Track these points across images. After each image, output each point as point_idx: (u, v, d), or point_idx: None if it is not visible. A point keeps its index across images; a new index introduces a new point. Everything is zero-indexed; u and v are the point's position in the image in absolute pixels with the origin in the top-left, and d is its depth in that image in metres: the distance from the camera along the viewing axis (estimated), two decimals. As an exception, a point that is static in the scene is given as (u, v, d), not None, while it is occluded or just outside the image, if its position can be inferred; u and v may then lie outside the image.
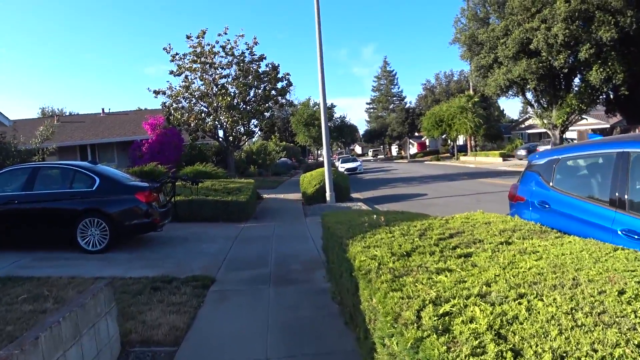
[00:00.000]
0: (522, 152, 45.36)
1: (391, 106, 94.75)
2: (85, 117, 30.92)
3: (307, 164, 30.22)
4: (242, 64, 26.41)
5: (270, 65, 27.01)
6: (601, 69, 24.99)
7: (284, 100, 27.70)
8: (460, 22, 32.16)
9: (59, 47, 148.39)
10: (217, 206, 12.11)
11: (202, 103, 26.29)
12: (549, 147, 43.34)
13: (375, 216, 5.03)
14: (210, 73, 26.10)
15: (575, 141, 37.60)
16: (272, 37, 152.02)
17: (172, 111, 25.88)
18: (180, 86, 26.04)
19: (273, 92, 27.04)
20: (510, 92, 32.36)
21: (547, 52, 25.25)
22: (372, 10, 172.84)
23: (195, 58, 25.69)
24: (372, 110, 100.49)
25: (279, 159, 45.57)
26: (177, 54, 26.15)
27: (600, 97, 30.27)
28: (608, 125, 41.02)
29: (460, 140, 63.87)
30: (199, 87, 26.01)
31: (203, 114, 25.92)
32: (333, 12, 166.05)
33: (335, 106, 66.58)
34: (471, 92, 56.65)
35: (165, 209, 9.27)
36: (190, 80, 26.21)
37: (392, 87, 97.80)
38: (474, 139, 58.60)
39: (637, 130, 30.45)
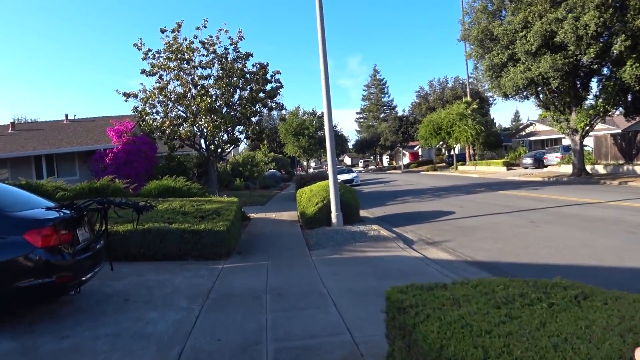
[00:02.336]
0: (529, 161, 42.37)
1: (382, 115, 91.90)
2: (45, 124, 26.97)
3: (300, 176, 26.61)
4: (224, 62, 22.87)
5: (257, 65, 23.48)
6: (637, 64, 21.79)
7: (273, 104, 24.11)
8: (469, 17, 28.94)
9: (43, 56, 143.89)
10: (185, 238, 8.43)
11: (179, 107, 22.65)
12: (558, 154, 40.31)
13: None
14: (189, 72, 22.51)
15: (590, 148, 34.52)
16: (259, 50, 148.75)
17: (144, 116, 22.24)
18: (153, 87, 22.42)
19: (261, 94, 23.49)
20: (523, 94, 29.17)
21: (575, 45, 22.00)
22: (358, 21, 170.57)
23: (171, 55, 22.11)
24: (362, 120, 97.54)
25: (268, 171, 41.93)
26: (149, 50, 22.58)
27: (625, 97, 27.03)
28: (619, 130, 38.01)
29: (456, 149, 60.96)
30: (175, 87, 22.37)
31: (180, 119, 22.26)
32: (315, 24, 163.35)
33: (325, 115, 63.26)
34: (469, 98, 53.73)
35: (88, 253, 5.57)
36: (165, 80, 22.62)
37: (383, 95, 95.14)
38: (472, 148, 55.51)
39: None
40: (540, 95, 28.85)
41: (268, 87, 23.61)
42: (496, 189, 22.64)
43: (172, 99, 22.20)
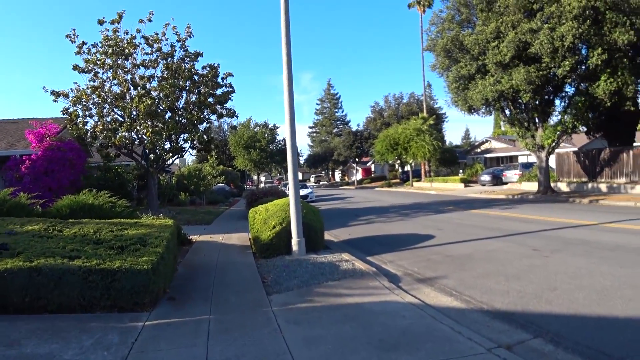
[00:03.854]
0: (486, 178, 41.42)
1: (335, 130, 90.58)
2: (-44, 126, 23.34)
3: (251, 191, 24.04)
4: (170, 62, 20.32)
5: (207, 67, 20.99)
6: (611, 79, 20.69)
7: (223, 110, 21.60)
8: (435, 27, 27.41)
9: None
10: (91, 281, 5.86)
11: (115, 110, 19.87)
12: (517, 171, 39.44)
13: None
14: (128, 70, 19.79)
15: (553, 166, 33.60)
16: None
17: (75, 119, 19.29)
18: (87, 87, 19.56)
19: (210, 99, 21.00)
20: (488, 109, 27.81)
21: (550, 57, 20.70)
22: (310, 38, 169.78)
23: (108, 49, 19.36)
24: (315, 134, 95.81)
25: (216, 185, 39.09)
26: (84, 43, 19.77)
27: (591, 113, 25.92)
28: (575, 148, 37.50)
29: (409, 165, 60.09)
30: (110, 87, 19.59)
31: (116, 124, 19.42)
32: (270, 39, 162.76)
33: (278, 127, 61.10)
34: (425, 113, 52.83)
35: None
36: (100, 79, 19.84)
37: (336, 110, 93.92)
38: (428, 164, 54.44)
39: (630, 153, 26.53)
40: (506, 111, 27.56)
41: (218, 91, 21.17)
42: (466, 207, 20.90)
43: (108, 100, 19.42)
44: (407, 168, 61.38)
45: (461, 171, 54.35)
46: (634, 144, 28.75)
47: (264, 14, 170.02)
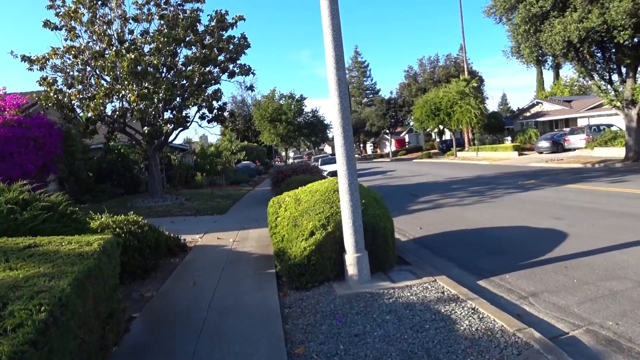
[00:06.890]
0: (545, 144, 35.86)
1: (364, 100, 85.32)
2: None
3: (278, 168, 19.37)
4: (168, 10, 15.85)
5: (215, 14, 16.39)
6: None
7: (236, 68, 17.06)
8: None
9: None
10: None
11: (99, 72, 15.57)
12: (583, 135, 33.92)
13: None
14: (109, 20, 15.40)
15: (617, 128, 28.16)
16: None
17: (47, 87, 15.08)
18: (64, 47, 15.34)
19: (221, 56, 16.50)
20: (561, 57, 22.45)
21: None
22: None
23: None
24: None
25: (238, 162, 34.81)
26: (57, -9, 15.54)
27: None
28: None
29: (448, 134, 54.86)
30: (88, 43, 15.26)
31: (98, 89, 15.12)
32: (293, 13, 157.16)
33: (305, 98, 56.24)
34: (467, 75, 47.28)
35: None
36: (77, 35, 15.60)
37: (365, 79, 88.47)
38: (471, 132, 49.08)
39: None
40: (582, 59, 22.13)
41: (231, 47, 16.65)
42: (551, 182, 16.00)
43: (91, 63, 15.09)
44: (447, 137, 56.10)
45: (508, 138, 48.74)
46: None
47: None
